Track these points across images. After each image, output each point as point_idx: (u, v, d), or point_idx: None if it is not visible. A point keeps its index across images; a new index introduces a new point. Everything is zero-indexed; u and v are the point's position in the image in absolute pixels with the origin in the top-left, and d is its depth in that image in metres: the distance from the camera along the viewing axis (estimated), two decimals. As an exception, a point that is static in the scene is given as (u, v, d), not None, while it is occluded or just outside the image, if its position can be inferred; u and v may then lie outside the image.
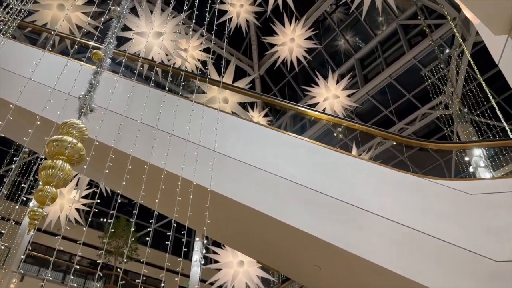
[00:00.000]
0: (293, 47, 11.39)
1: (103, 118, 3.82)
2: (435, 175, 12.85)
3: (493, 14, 2.10)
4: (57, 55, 5.21)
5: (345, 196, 4.50)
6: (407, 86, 15.01)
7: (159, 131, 4.39)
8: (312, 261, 4.81)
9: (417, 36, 14.43)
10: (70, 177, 2.96)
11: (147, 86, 4.92)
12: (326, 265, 4.80)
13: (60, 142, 2.92)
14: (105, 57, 3.67)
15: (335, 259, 4.55)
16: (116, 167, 3.77)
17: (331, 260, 4.64)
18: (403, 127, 15.00)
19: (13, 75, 4.79)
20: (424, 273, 3.98)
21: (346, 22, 16.36)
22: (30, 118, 4.39)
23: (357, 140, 10.80)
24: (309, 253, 4.73)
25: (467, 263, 3.92)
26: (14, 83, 4.59)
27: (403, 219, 4.25)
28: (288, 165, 4.81)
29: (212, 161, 4.27)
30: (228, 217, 4.69)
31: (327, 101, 11.39)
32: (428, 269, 3.96)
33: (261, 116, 11.70)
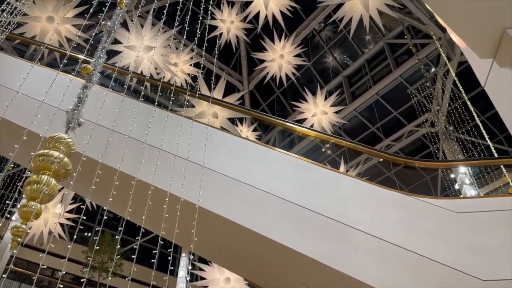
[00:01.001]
0: (282, 63, 11.51)
1: (91, 132, 3.78)
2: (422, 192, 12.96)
3: (479, 38, 2.16)
4: (45, 68, 5.17)
5: (332, 213, 4.50)
6: (394, 103, 15.23)
7: (147, 146, 4.35)
8: (299, 279, 4.78)
9: (404, 55, 14.72)
10: (55, 193, 2.91)
11: (136, 100, 4.90)
12: (313, 283, 4.77)
13: (46, 156, 2.88)
14: (95, 72, 3.65)
15: (323, 277, 4.52)
16: (103, 182, 3.72)
17: (319, 278, 4.62)
18: (390, 144, 15.16)
19: (0, 87, 4.73)
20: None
21: (334, 40, 16.62)
22: (17, 132, 4.33)
23: (345, 156, 10.87)
24: (296, 270, 4.70)
25: (455, 282, 3.94)
26: (1, 96, 4.53)
27: (391, 237, 4.26)
28: (275, 181, 4.81)
29: (200, 177, 4.25)
30: (215, 233, 4.65)
31: (315, 117, 11.48)
32: (416, 287, 3.96)
33: (250, 130, 11.73)
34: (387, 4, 8.82)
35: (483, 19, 2.14)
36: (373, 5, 8.94)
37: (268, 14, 10.48)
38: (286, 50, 11.44)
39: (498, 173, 9.86)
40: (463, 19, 2.12)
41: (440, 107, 12.03)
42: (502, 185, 9.74)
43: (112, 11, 4.39)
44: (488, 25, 2.13)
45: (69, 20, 8.15)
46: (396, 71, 14.39)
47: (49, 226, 9.41)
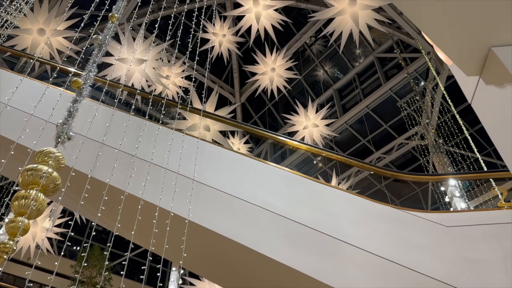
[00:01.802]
0: (273, 76, 11.59)
1: (81, 146, 3.75)
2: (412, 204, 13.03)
3: (465, 56, 2.20)
4: (35, 81, 5.14)
5: (323, 227, 4.49)
6: (384, 116, 15.38)
7: (137, 159, 4.33)
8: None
9: (393, 69, 14.92)
10: (44, 208, 2.86)
11: (127, 113, 4.89)
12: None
13: (34, 171, 2.84)
14: (85, 85, 3.64)
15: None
16: (92, 196, 3.68)
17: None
18: (381, 156, 15.26)
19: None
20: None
21: (325, 54, 16.81)
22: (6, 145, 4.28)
23: (336, 168, 10.91)
24: (288, 285, 4.66)
25: (445, 296, 3.93)
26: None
27: (381, 251, 4.26)
28: (267, 195, 4.79)
29: (191, 191, 4.22)
30: (205, 248, 4.61)
31: (306, 129, 11.55)
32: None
33: (241, 143, 11.73)
34: (376, 19, 8.97)
35: (469, 37, 2.19)
36: (362, 20, 9.08)
37: (260, 28, 10.58)
38: (278, 64, 11.54)
39: (488, 186, 9.95)
40: (450, 37, 2.16)
41: (429, 120, 12.18)
42: (492, 198, 9.82)
43: (104, 24, 4.41)
44: (474, 43, 2.17)
45: (60, 33, 8.14)
46: (386, 84, 14.57)
47: (37, 240, 9.25)
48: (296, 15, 15.85)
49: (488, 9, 2.04)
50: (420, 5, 2.08)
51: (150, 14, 12.55)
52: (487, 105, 2.27)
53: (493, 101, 2.20)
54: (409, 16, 2.17)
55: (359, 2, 8.73)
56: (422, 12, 2.12)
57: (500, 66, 2.04)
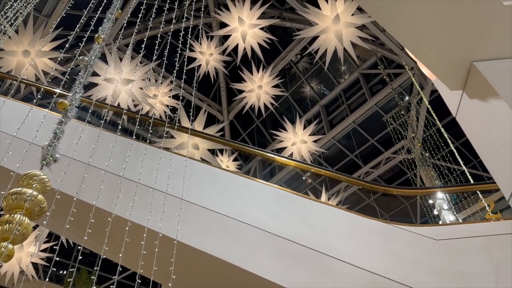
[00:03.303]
0: (260, 93, 11.67)
1: (67, 168, 3.69)
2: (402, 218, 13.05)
3: (448, 71, 2.25)
4: (19, 102, 5.08)
5: (314, 244, 4.46)
6: (371, 131, 15.55)
7: (124, 179, 4.27)
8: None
9: (378, 84, 15.17)
10: (29, 232, 2.79)
11: (114, 134, 4.84)
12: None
13: (19, 195, 2.77)
14: (71, 107, 3.60)
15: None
16: (78, 219, 3.60)
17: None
18: (369, 171, 15.35)
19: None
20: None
21: (311, 71, 17.04)
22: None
23: (325, 183, 10.91)
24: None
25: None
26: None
27: (373, 266, 4.24)
28: (256, 212, 4.76)
29: (179, 211, 4.17)
30: (195, 268, 4.53)
31: (294, 145, 11.57)
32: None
33: (230, 160, 11.69)
34: (360, 36, 9.14)
35: (451, 53, 2.24)
36: (346, 37, 9.24)
37: (246, 47, 10.68)
38: (264, 81, 11.63)
39: (475, 198, 10.06)
40: (432, 53, 2.21)
41: (415, 134, 12.34)
42: (479, 209, 9.92)
43: (90, 45, 4.40)
44: (456, 58, 2.22)
45: (45, 54, 8.09)
46: (371, 100, 14.77)
47: (22, 266, 8.98)
48: (282, 33, 16.09)
49: (469, 26, 2.10)
50: (403, 23, 2.13)
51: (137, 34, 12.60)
52: (471, 118, 2.31)
53: (477, 114, 2.24)
54: (392, 33, 2.21)
55: (342, 20, 8.90)
56: (404, 30, 2.17)
57: (482, 80, 2.08)
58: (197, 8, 14.98)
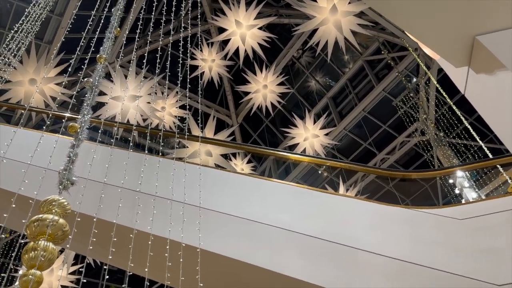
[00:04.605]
0: (266, 93, 11.65)
1: (84, 189, 3.73)
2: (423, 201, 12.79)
3: (451, 48, 2.21)
4: (30, 130, 5.16)
5: (337, 237, 4.44)
6: (382, 117, 15.39)
7: (142, 194, 4.30)
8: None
9: (384, 69, 15.01)
10: (55, 257, 2.83)
11: (126, 150, 4.89)
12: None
13: (41, 221, 2.82)
14: (82, 129, 3.65)
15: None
16: (101, 238, 3.65)
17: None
18: (384, 157, 15.20)
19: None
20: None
21: (314, 64, 16.95)
22: (9, 197, 4.26)
23: (342, 175, 10.82)
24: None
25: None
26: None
27: (398, 253, 4.19)
28: (276, 212, 4.75)
29: (199, 219, 4.18)
30: (221, 274, 4.54)
31: (307, 141, 11.52)
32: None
33: (244, 163, 11.70)
34: (359, 24, 9.07)
35: (452, 29, 2.20)
36: (346, 26, 9.17)
37: (247, 48, 10.69)
38: (269, 80, 11.61)
39: (496, 172, 9.88)
40: (433, 32, 2.17)
41: (427, 115, 12.18)
42: (502, 183, 9.74)
43: (94, 65, 4.45)
44: (458, 34, 2.19)
45: (51, 79, 8.23)
46: (378, 86, 14.63)
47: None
48: (281, 30, 16.05)
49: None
50: (399, 5, 2.10)
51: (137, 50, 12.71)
52: (481, 93, 2.27)
53: (486, 89, 2.20)
54: (389, 17, 2.19)
55: (339, 9, 8.84)
56: (401, 12, 2.14)
57: (487, 54, 2.04)
58: (194, 16, 15.06)
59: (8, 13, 11.93)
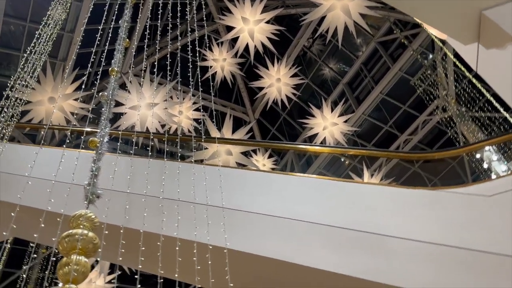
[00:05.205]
0: (280, 86, 11.60)
1: (109, 202, 3.82)
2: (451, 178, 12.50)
3: (458, 26, 2.16)
4: (52, 148, 5.31)
5: (363, 226, 4.40)
6: (401, 98, 15.12)
7: (165, 200, 4.37)
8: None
9: (398, 49, 14.71)
10: (88, 269, 2.92)
11: (146, 159, 4.98)
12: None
13: (71, 236, 2.91)
14: (102, 143, 3.73)
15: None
16: (130, 245, 3.73)
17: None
18: (407, 139, 14.94)
19: (16, 176, 4.87)
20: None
21: (326, 52, 16.75)
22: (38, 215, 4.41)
23: (365, 161, 10.70)
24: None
25: (506, 268, 3.76)
26: (16, 184, 4.65)
27: (428, 236, 4.13)
28: (299, 206, 4.75)
29: (223, 220, 4.23)
30: (250, 273, 4.58)
31: (326, 130, 11.42)
32: (466, 282, 3.79)
33: (265, 158, 11.70)
34: (367, 6, 8.91)
35: (458, 7, 2.14)
36: (354, 10, 9.03)
37: (257, 43, 10.65)
38: (282, 73, 11.56)
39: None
40: (438, 12, 2.12)
41: (447, 91, 11.89)
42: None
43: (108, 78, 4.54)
44: (464, 11, 2.12)
45: (69, 96, 8.42)
46: (394, 66, 14.36)
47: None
48: (289, 21, 15.93)
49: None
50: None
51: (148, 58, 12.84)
52: (493, 68, 2.20)
53: (497, 63, 2.13)
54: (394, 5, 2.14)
55: (346, -6, 8.71)
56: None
57: (495, 28, 1.98)
58: (201, 17, 15.09)
59: (21, 36, 12.26)
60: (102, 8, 5.85)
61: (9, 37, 12.52)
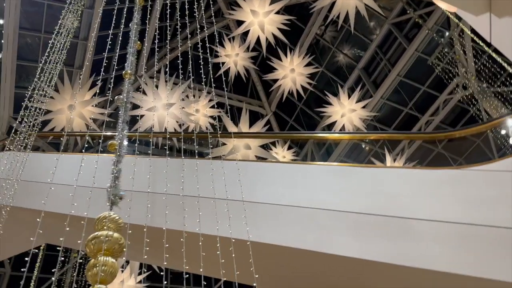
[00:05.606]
0: (295, 76, 11.51)
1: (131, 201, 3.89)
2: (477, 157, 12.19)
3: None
4: (72, 154, 5.43)
5: (386, 210, 4.35)
6: (419, 79, 14.79)
7: (186, 197, 4.42)
8: (377, 286, 4.60)
9: (413, 29, 14.37)
10: (116, 270, 2.99)
11: (165, 158, 5.03)
12: (394, 285, 4.57)
13: (97, 238, 2.98)
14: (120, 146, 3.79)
15: (399, 277, 4.33)
16: (154, 243, 3.80)
17: (395, 279, 4.42)
18: (429, 120, 14.62)
19: (40, 184, 5.01)
20: (496, 267, 3.72)
21: (339, 38, 16.51)
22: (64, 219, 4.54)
23: (386, 145, 10.52)
24: (371, 279, 4.52)
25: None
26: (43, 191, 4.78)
27: (453, 216, 4.05)
28: (321, 195, 4.73)
29: (244, 213, 4.24)
30: (275, 264, 4.59)
31: (344, 117, 11.28)
32: (493, 260, 3.70)
33: (284, 150, 11.66)
34: (377, -13, 8.73)
35: (465, -23, 2.06)
36: (364, -7, 8.87)
37: (267, 36, 10.58)
38: (295, 63, 11.46)
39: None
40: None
41: (466, 68, 11.56)
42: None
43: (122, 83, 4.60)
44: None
45: (87, 102, 8.58)
46: (410, 47, 14.03)
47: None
48: (299, 10, 15.76)
49: None
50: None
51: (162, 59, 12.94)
52: (508, 38, 2.11)
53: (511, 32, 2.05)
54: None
55: (354, -23, 8.56)
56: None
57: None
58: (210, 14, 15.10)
59: (38, 47, 12.55)
60: (113, 13, 5.91)
61: (27, 49, 12.84)
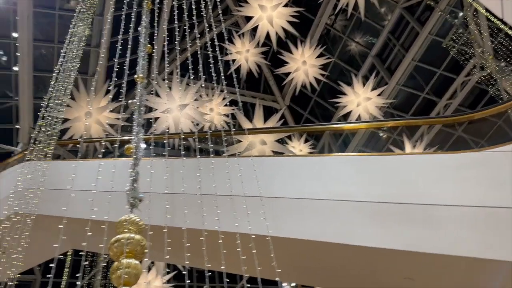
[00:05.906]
0: (307, 68, 11.42)
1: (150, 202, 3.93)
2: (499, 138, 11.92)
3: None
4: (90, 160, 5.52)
5: (406, 198, 4.28)
6: (434, 62, 14.48)
7: (204, 196, 4.44)
8: (400, 274, 4.54)
9: (425, 12, 14.06)
10: (139, 271, 3.03)
11: (180, 158, 5.07)
12: (417, 274, 4.51)
13: (119, 241, 3.02)
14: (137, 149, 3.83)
15: (425, 264, 4.26)
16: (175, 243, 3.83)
17: (421, 267, 4.36)
18: (447, 103, 14.31)
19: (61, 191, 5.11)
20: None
21: (350, 26, 16.29)
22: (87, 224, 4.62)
23: (405, 132, 10.34)
24: (394, 268, 4.47)
25: None
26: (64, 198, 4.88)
27: (476, 200, 3.96)
28: (339, 186, 4.68)
29: (263, 208, 4.24)
30: (296, 258, 4.58)
31: (360, 106, 11.13)
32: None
33: (301, 143, 11.59)
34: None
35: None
36: (372, -22, 8.72)
37: (277, 29, 10.51)
38: (306, 55, 11.36)
39: None
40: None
41: (482, 48, 11.25)
42: None
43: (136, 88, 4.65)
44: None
45: (103, 109, 8.70)
46: (423, 30, 13.74)
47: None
48: (307, 0, 15.62)
49: None
50: None
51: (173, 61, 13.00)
52: (520, 12, 2.04)
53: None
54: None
55: (361, -37, 8.41)
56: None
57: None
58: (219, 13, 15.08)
59: (52, 57, 12.79)
60: (124, 19, 5.97)
61: (42, 60, 13.10)
